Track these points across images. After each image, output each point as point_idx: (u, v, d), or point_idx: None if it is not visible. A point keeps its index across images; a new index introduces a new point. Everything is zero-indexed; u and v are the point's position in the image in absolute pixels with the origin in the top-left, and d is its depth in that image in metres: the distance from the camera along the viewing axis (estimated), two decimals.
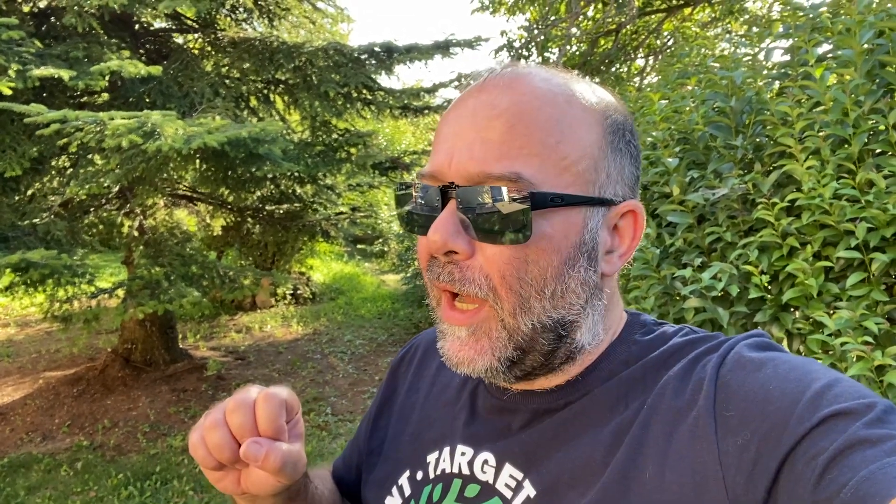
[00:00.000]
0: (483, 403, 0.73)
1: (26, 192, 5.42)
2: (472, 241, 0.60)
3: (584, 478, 0.59)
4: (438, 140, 0.64)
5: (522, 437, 0.66)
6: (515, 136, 0.58)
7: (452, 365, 0.63)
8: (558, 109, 0.60)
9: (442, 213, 0.60)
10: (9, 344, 7.84)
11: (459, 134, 0.61)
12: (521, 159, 0.58)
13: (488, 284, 0.59)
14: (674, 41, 9.23)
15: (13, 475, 4.48)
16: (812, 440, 0.47)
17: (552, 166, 0.59)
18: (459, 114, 0.62)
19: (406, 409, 0.82)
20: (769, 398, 0.52)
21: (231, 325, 8.89)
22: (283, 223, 7.09)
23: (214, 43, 6.37)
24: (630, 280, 2.45)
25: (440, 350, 0.65)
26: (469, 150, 0.59)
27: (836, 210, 1.74)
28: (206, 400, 5.89)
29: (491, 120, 0.59)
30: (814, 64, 1.97)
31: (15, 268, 3.99)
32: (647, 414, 0.59)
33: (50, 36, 5.18)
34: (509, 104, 0.59)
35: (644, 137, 2.71)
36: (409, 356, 0.90)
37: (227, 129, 4.20)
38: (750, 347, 0.59)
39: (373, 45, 6.01)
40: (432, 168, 0.62)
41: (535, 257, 0.59)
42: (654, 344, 0.66)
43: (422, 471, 0.73)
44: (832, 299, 1.78)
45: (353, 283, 12.16)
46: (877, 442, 0.45)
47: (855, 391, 0.50)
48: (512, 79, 0.62)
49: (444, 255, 0.60)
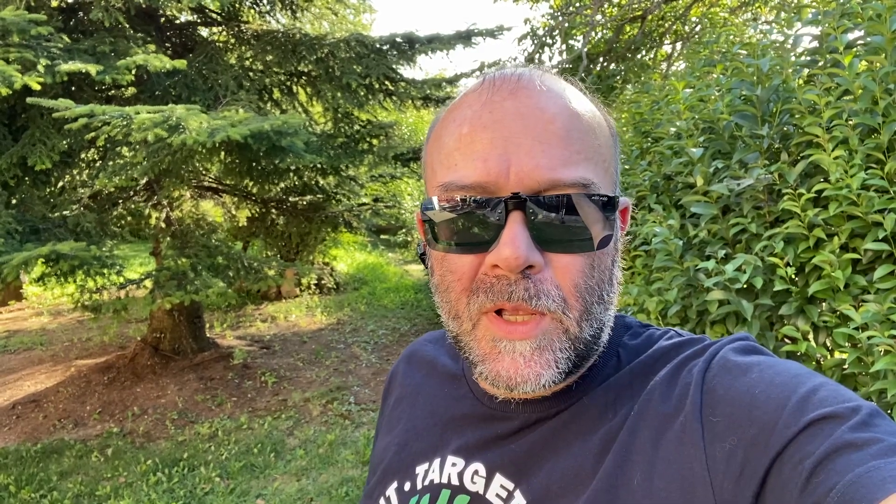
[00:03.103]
0: (472, 412, 0.71)
1: (56, 184, 5.54)
2: (544, 253, 0.57)
3: (574, 487, 0.58)
4: (475, 146, 0.57)
5: (513, 446, 0.65)
6: (573, 140, 0.57)
7: (512, 386, 0.58)
8: (590, 113, 0.61)
9: (510, 226, 0.55)
10: (42, 332, 8.05)
11: (511, 139, 0.56)
12: (584, 164, 0.57)
13: (560, 295, 0.57)
14: (701, 27, 9.05)
15: (46, 461, 4.61)
16: (798, 445, 0.47)
17: (601, 170, 0.59)
18: (500, 117, 0.57)
19: (393, 422, 0.82)
20: (755, 403, 0.52)
21: (256, 314, 9.01)
22: (307, 214, 7.15)
23: (238, 36, 6.43)
24: (653, 271, 2.43)
25: (487, 373, 0.60)
26: (530, 156, 0.55)
27: (864, 201, 1.70)
28: (233, 388, 5.99)
29: (546, 123, 0.56)
30: (843, 51, 1.92)
31: (46, 259, 4.08)
32: (634, 420, 0.58)
33: (77, 31, 5.27)
34: (557, 108, 0.58)
35: (668, 127, 2.68)
36: (395, 372, 0.90)
37: (251, 121, 4.24)
38: (735, 351, 0.59)
39: (394, 35, 6.01)
40: (480, 177, 0.56)
41: (599, 262, 0.59)
42: (640, 348, 0.66)
43: (410, 481, 0.72)
44: (859, 292, 1.74)
45: (376, 273, 12.23)
46: (862, 445, 0.45)
47: (840, 395, 0.50)
48: (545, 82, 0.60)
49: (520, 272, 0.56)
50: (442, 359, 0.82)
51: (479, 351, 0.60)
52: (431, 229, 0.61)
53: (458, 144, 0.59)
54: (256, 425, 5.23)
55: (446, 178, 0.59)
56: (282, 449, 4.79)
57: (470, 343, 0.61)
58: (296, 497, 4.05)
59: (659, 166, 2.68)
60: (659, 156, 2.68)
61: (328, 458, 4.60)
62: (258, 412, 5.52)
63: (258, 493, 4.14)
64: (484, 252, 0.57)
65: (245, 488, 4.20)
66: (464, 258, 0.59)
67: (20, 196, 5.01)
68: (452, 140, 0.60)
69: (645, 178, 2.71)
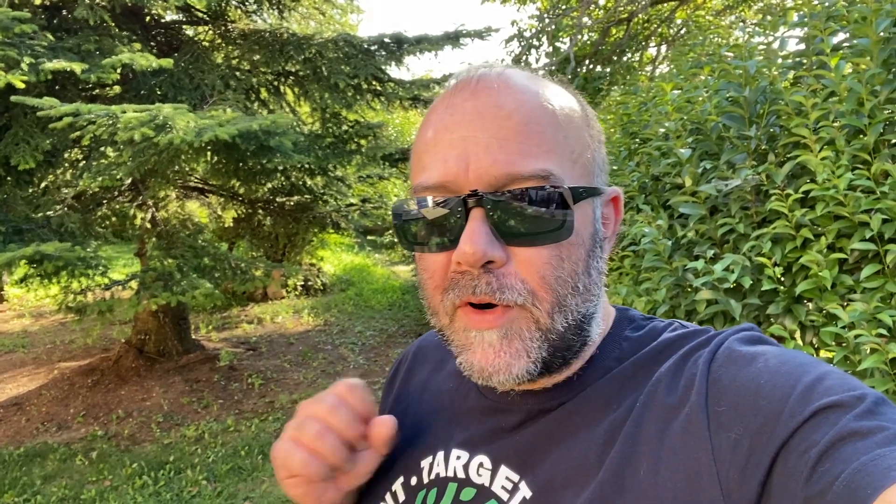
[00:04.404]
0: (476, 405, 0.72)
1: (40, 184, 5.47)
2: (506, 248, 0.58)
3: (580, 477, 0.58)
4: (438, 147, 0.59)
5: (517, 437, 0.65)
6: (532, 133, 0.57)
7: (486, 377, 0.60)
8: (556, 106, 0.61)
9: (469, 223, 0.57)
10: (24, 335, 7.94)
11: (469, 138, 0.57)
12: (544, 156, 0.57)
13: (526, 288, 0.58)
14: (686, 30, 9.13)
15: (29, 464, 4.55)
16: (804, 433, 0.47)
17: (567, 160, 0.59)
18: (460, 118, 0.59)
19: (398, 416, 0.80)
20: (760, 392, 0.52)
21: (243, 316, 8.96)
22: (294, 215, 7.12)
23: (225, 35, 6.39)
24: (641, 271, 2.44)
25: (465, 365, 0.62)
26: (487, 152, 0.57)
27: (850, 201, 1.72)
28: (219, 390, 5.95)
29: (502, 120, 0.57)
30: (829, 53, 1.94)
31: (30, 260, 4.03)
32: (639, 411, 0.59)
33: (62, 29, 5.20)
34: (515, 103, 0.58)
35: (656, 128, 2.69)
36: (399, 367, 0.90)
37: (238, 121, 4.22)
38: (740, 341, 0.59)
39: (382, 35, 6.00)
40: (441, 177, 0.59)
41: (568, 253, 0.59)
42: (644, 340, 0.66)
43: (416, 476, 0.72)
44: (846, 291, 1.77)
45: (363, 274, 12.20)
46: (868, 434, 0.45)
47: (845, 383, 0.50)
48: (505, 78, 0.60)
49: (481, 267, 0.57)
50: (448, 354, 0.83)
51: (457, 343, 0.63)
52: (402, 231, 0.64)
53: (425, 148, 0.61)
54: (243, 427, 5.19)
55: (416, 180, 0.62)
56: (269, 451, 4.75)
57: (451, 336, 0.63)
58: (284, 499, 4.02)
59: (647, 167, 2.70)
60: (647, 157, 2.69)
61: None
62: (245, 414, 5.48)
63: (246, 495, 4.11)
64: (451, 249, 0.59)
65: (232, 491, 4.17)
66: (435, 257, 0.61)
67: (3, 196, 4.95)
68: (421, 144, 0.63)
69: (633, 178, 2.73)
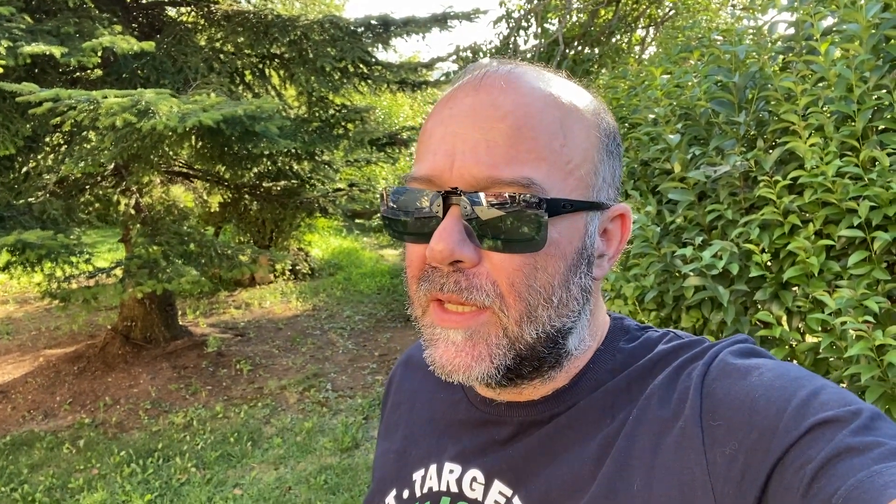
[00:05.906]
0: (467, 417, 0.71)
1: (21, 170, 5.38)
2: (478, 249, 0.57)
3: (573, 493, 0.58)
4: (432, 140, 0.59)
5: (510, 451, 0.65)
6: (523, 139, 0.56)
7: (445, 373, 0.59)
8: (560, 112, 0.59)
9: (444, 220, 0.56)
10: (8, 321, 7.86)
11: (459, 135, 0.57)
12: (530, 164, 0.56)
13: (495, 291, 0.57)
14: (675, 11, 9.08)
15: (16, 453, 4.52)
16: (800, 449, 0.47)
17: (558, 171, 0.57)
18: (456, 113, 0.58)
19: (391, 428, 0.81)
20: (755, 407, 0.51)
21: (230, 301, 8.90)
22: (281, 200, 7.06)
23: (208, 16, 6.27)
24: (630, 257, 2.44)
25: (429, 359, 0.61)
26: (474, 153, 0.56)
27: (838, 188, 1.72)
28: (207, 376, 5.93)
29: (495, 121, 0.56)
30: (819, 38, 1.93)
31: (12, 248, 3.97)
32: (632, 425, 0.58)
33: (40, 11, 5.08)
34: (513, 105, 0.57)
35: (646, 113, 2.68)
36: (391, 381, 0.89)
37: (223, 106, 4.15)
38: (734, 354, 0.59)
39: (369, 17, 5.91)
40: (428, 171, 0.58)
41: (543, 264, 0.57)
42: (638, 352, 0.65)
43: (408, 489, 0.71)
44: (833, 278, 1.77)
45: (351, 258, 12.15)
46: (864, 450, 0.45)
47: (841, 398, 0.50)
48: (511, 78, 0.59)
49: (450, 265, 0.57)
50: None
51: (426, 336, 0.62)
52: (387, 218, 0.63)
53: (423, 138, 0.61)
54: (232, 414, 5.18)
55: (411, 171, 0.61)
56: (258, 437, 4.76)
57: (422, 328, 0.63)
58: (274, 486, 4.03)
59: (636, 152, 2.69)
60: (636, 142, 2.68)
61: (306, 445, 4.59)
62: (234, 401, 5.47)
63: (235, 482, 4.11)
64: (426, 243, 0.58)
65: (222, 478, 4.17)
66: (414, 247, 0.61)
67: None
68: (422, 133, 0.62)
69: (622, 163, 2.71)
